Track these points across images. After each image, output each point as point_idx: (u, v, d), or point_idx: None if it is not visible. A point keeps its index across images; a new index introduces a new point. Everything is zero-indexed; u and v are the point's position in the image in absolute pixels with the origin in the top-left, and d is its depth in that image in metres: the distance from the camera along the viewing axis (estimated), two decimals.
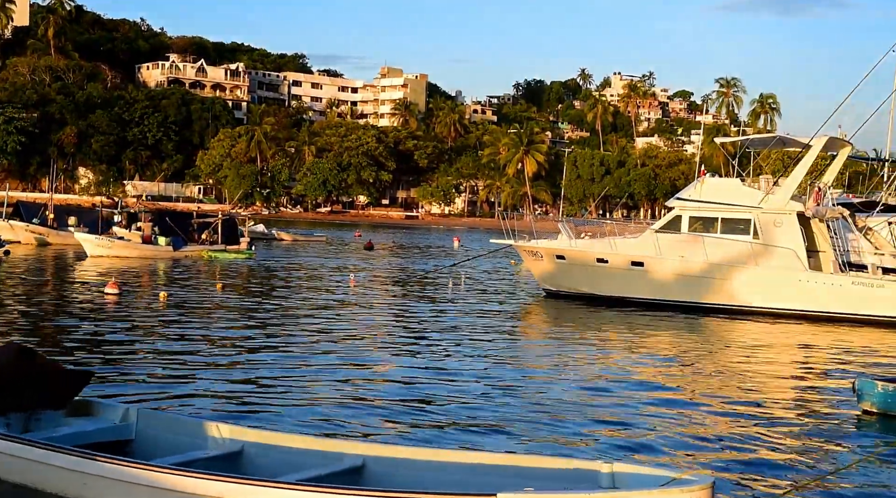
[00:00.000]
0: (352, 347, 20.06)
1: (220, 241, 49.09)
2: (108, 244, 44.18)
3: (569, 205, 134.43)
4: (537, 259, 34.01)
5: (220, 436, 9.08)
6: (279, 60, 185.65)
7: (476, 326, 24.78)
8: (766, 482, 10.83)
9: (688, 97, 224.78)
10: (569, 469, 7.80)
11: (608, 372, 18.08)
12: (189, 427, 9.36)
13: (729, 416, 14.43)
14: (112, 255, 43.06)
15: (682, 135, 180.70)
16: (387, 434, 12.21)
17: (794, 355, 22.52)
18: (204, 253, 46.71)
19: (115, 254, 43.33)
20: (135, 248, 45.14)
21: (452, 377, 16.81)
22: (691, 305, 30.55)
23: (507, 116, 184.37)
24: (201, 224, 51.23)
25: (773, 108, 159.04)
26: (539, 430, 12.96)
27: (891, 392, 14.64)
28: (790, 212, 30.33)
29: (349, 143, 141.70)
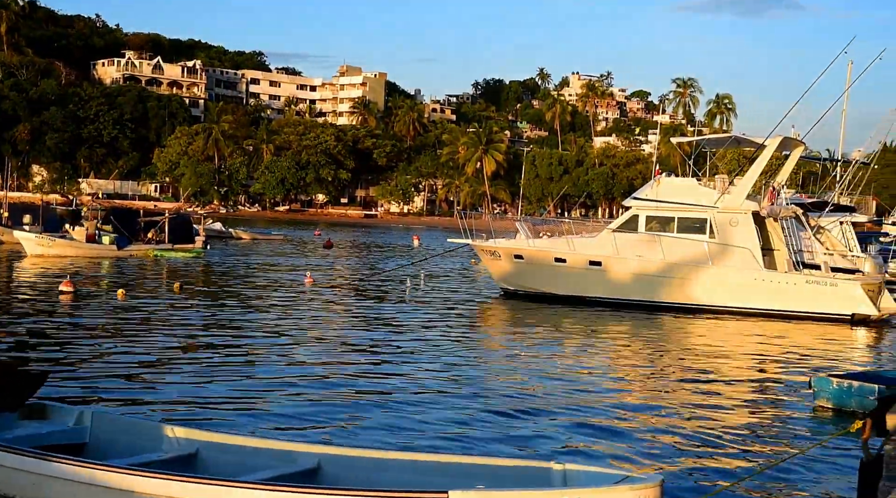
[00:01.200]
0: (308, 346, 19.94)
1: (167, 240, 47.94)
2: (49, 243, 42.91)
3: (527, 204, 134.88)
4: (495, 258, 34.09)
5: (175, 438, 8.99)
6: (237, 58, 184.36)
7: (433, 325, 24.77)
8: (718, 479, 10.93)
9: (645, 97, 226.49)
10: (521, 468, 7.86)
11: (564, 371, 18.14)
12: (144, 430, 9.28)
13: (685, 414, 14.54)
14: (53, 253, 41.89)
15: (640, 134, 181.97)
16: (342, 435, 12.15)
17: (750, 353, 22.74)
18: (150, 252, 45.72)
19: (57, 253, 42.11)
20: (77, 246, 43.85)
21: (408, 378, 16.75)
22: (649, 304, 30.80)
23: (465, 115, 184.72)
24: (148, 222, 50.17)
25: (728, 109, 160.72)
26: (493, 429, 12.98)
27: (845, 388, 14.90)
28: (746, 211, 30.67)
29: (308, 142, 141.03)
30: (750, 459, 12.00)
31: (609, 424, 13.59)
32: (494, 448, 11.81)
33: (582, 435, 12.86)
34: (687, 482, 10.62)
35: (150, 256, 45.24)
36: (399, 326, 24.09)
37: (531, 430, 13.04)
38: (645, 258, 31.09)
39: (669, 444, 12.57)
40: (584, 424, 13.54)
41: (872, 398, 14.10)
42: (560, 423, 13.53)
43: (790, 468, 11.19)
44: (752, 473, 10.65)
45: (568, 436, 12.79)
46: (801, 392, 16.41)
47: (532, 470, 7.78)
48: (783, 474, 10.98)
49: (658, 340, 24.10)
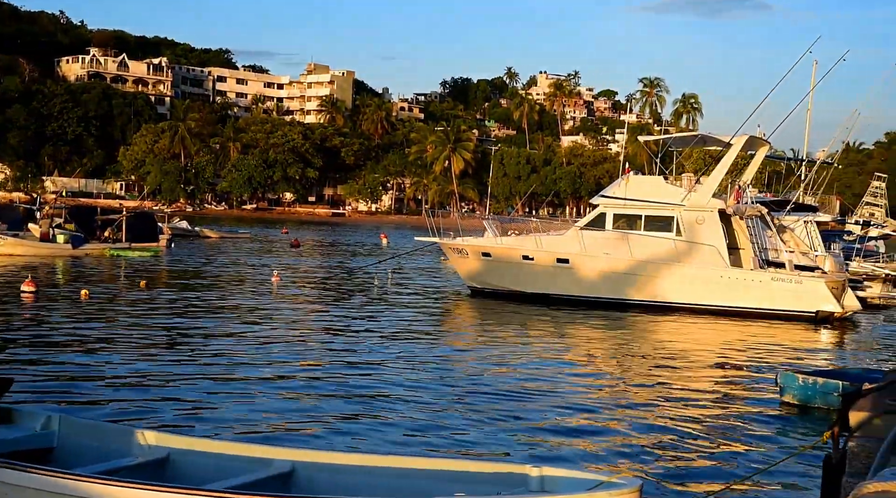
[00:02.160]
0: (275, 347, 19.81)
1: (124, 239, 47.02)
2: (0, 242, 42.17)
3: (495, 203, 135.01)
4: (463, 256, 34.11)
5: (146, 443, 8.82)
6: (203, 55, 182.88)
7: (401, 324, 24.74)
8: (693, 481, 11.00)
9: (612, 96, 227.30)
10: (498, 473, 7.79)
11: (534, 372, 18.15)
12: (113, 434, 9.08)
13: (655, 414, 14.61)
14: (4, 252, 41.11)
15: (607, 134, 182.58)
16: (315, 438, 12.07)
17: (717, 351, 22.90)
18: (106, 251, 44.85)
19: (8, 252, 41.29)
20: (30, 245, 42.93)
21: (377, 378, 16.66)
22: (616, 301, 30.94)
23: (434, 114, 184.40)
24: (105, 221, 49.19)
25: (695, 108, 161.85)
26: (467, 432, 12.93)
27: (811, 385, 15.09)
28: (712, 209, 30.90)
29: (275, 140, 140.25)
30: (721, 461, 12.11)
31: (581, 425, 13.61)
32: (467, 450, 11.76)
33: (554, 437, 12.86)
34: (658, 487, 10.66)
35: (107, 255, 44.36)
36: (366, 326, 24.02)
37: (503, 432, 13.00)
38: (612, 256, 31.24)
39: (641, 445, 12.61)
40: (556, 425, 13.55)
41: (836, 395, 14.27)
42: (532, 425, 13.53)
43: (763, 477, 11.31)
44: (728, 482, 10.72)
45: (541, 438, 12.78)
46: (769, 389, 16.58)
47: (509, 475, 7.73)
48: (757, 479, 11.06)
49: (626, 339, 24.22)
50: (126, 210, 52.88)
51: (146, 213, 58.90)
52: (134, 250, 45.72)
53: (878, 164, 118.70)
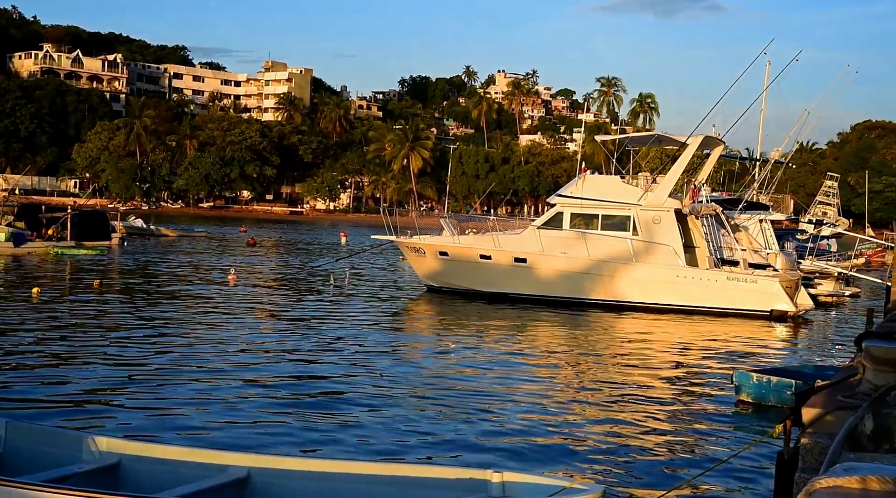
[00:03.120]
0: (231, 348, 19.56)
1: (69, 237, 45.93)
2: None
3: (454, 201, 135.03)
4: (420, 255, 34.04)
5: (97, 449, 8.63)
6: (159, 52, 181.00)
7: (357, 324, 24.61)
8: (651, 481, 11.03)
9: (570, 96, 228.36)
10: (458, 478, 7.72)
11: (492, 373, 18.09)
12: (63, 440, 8.87)
13: (614, 415, 14.64)
14: None
15: (565, 133, 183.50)
16: (272, 443, 11.86)
17: (674, 350, 23.06)
18: (50, 249, 43.61)
19: None
20: None
21: (333, 380, 16.51)
22: (574, 300, 31.04)
23: (392, 112, 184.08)
24: (50, 218, 48.00)
25: (651, 108, 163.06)
26: (426, 435, 12.82)
27: (765, 383, 15.27)
28: (668, 209, 31.10)
29: (232, 138, 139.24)
30: (681, 458, 12.18)
31: (539, 427, 13.58)
32: (427, 456, 11.66)
33: (513, 439, 12.80)
34: (618, 486, 10.67)
35: (51, 253, 43.25)
36: (322, 326, 23.86)
37: (462, 435, 12.93)
38: (570, 255, 31.33)
39: (599, 446, 12.61)
40: (514, 427, 13.50)
41: (790, 393, 14.42)
42: (491, 427, 13.46)
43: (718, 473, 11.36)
44: (686, 480, 10.75)
45: (500, 440, 12.72)
46: (724, 387, 16.71)
47: (470, 480, 7.66)
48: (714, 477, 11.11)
49: (584, 338, 24.27)
50: (71, 207, 51.72)
51: (96, 211, 58.00)
52: (79, 248, 44.58)
53: (830, 163, 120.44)
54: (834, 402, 6.95)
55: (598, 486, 7.39)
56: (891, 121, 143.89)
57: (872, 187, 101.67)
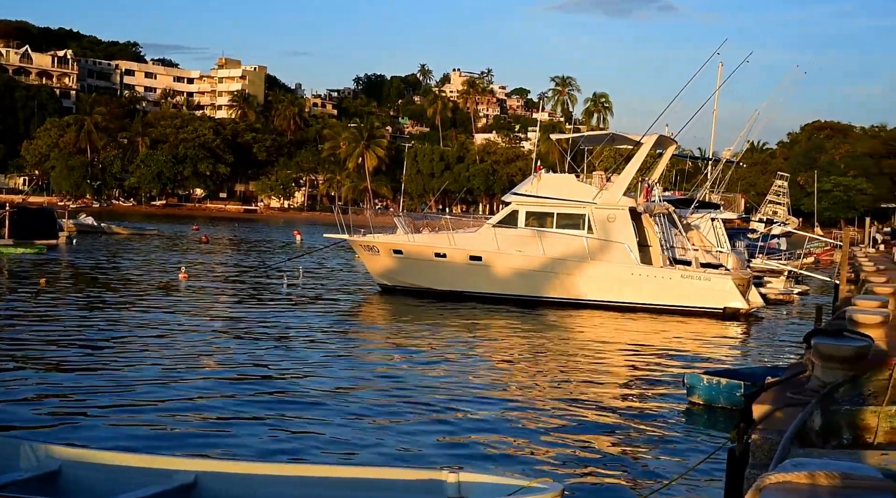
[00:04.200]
0: (180, 348, 19.29)
1: (7, 235, 44.77)
2: None
3: (409, 200, 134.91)
4: (373, 254, 33.89)
5: (35, 456, 8.35)
6: (111, 48, 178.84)
7: (310, 323, 24.43)
8: (605, 484, 11.08)
9: (525, 95, 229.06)
10: (413, 480, 7.63)
11: (447, 372, 18.03)
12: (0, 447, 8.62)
13: (568, 416, 14.65)
14: None
15: (520, 131, 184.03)
16: (221, 447, 11.67)
17: (629, 349, 23.15)
18: None
19: None
20: None
21: (285, 381, 16.33)
22: (529, 298, 31.13)
23: (347, 110, 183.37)
24: None
25: (605, 107, 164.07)
26: (379, 436, 12.71)
27: (715, 385, 15.46)
28: (623, 207, 31.28)
29: (185, 135, 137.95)
30: (634, 459, 12.24)
31: (494, 427, 13.53)
32: (382, 457, 11.56)
33: (468, 439, 12.77)
34: (573, 486, 10.70)
35: None
36: (274, 325, 23.66)
37: (416, 435, 12.85)
38: (525, 253, 31.42)
39: (554, 447, 12.61)
40: (469, 427, 13.45)
41: (739, 394, 14.62)
42: (445, 427, 13.41)
43: (669, 470, 11.47)
44: (638, 480, 10.82)
45: (454, 440, 12.68)
46: (677, 387, 16.84)
47: (424, 481, 7.59)
48: (667, 471, 11.20)
49: (539, 337, 24.29)
50: (10, 204, 50.55)
51: (42, 208, 57.00)
52: (17, 247, 43.37)
53: (780, 163, 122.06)
54: (783, 398, 7.04)
55: (557, 484, 7.37)
56: (839, 121, 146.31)
57: (821, 187, 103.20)
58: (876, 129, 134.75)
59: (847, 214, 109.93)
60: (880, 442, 6.24)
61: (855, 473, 3.30)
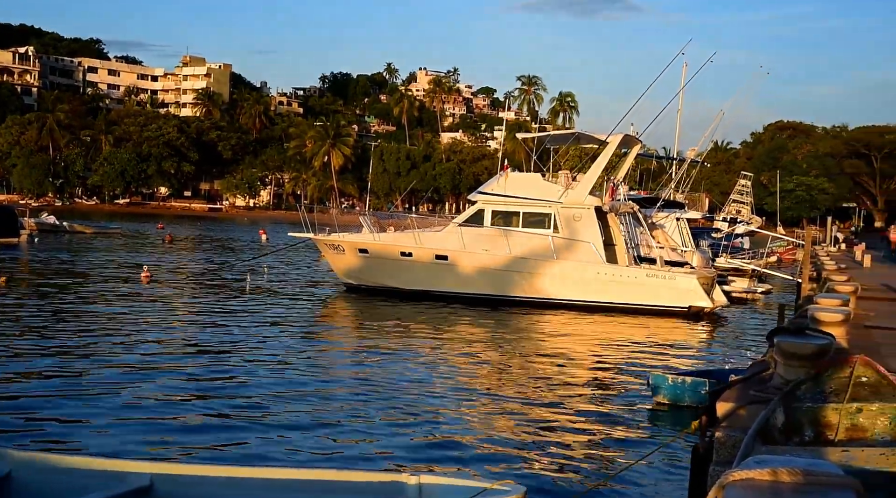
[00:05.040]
0: (140, 348, 19.12)
1: None
2: None
3: (375, 198, 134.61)
4: (339, 253, 33.78)
5: None
6: (73, 45, 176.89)
7: (274, 323, 24.30)
8: (569, 483, 11.11)
9: (491, 94, 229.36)
10: (373, 482, 7.58)
11: (411, 373, 17.97)
12: None
13: (533, 416, 14.68)
14: None
15: (486, 130, 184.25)
16: (178, 449, 11.52)
17: (595, 349, 23.26)
18: None
19: None
20: None
21: (247, 382, 16.19)
22: (495, 298, 31.16)
23: (313, 109, 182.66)
24: None
25: (571, 106, 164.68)
26: (341, 438, 12.63)
27: (680, 384, 15.59)
28: (588, 206, 31.40)
29: (149, 133, 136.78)
30: (599, 458, 12.30)
31: (457, 428, 13.53)
32: (343, 459, 11.48)
33: (432, 441, 12.73)
34: (538, 487, 10.71)
35: None
36: (238, 324, 23.52)
37: (378, 437, 12.79)
38: (491, 252, 31.45)
39: (519, 447, 12.63)
40: (433, 429, 13.42)
41: (704, 392, 14.74)
42: (409, 429, 13.36)
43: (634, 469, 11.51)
44: (604, 479, 10.86)
45: (418, 442, 12.63)
46: (642, 387, 16.94)
47: (385, 484, 7.55)
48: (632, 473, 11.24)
49: (505, 337, 24.33)
50: None
51: (2, 206, 56.33)
52: None
53: (744, 163, 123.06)
54: (747, 396, 7.10)
55: (519, 487, 7.35)
56: (801, 121, 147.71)
57: (784, 186, 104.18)
58: (837, 130, 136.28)
59: (809, 214, 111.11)
60: (841, 439, 6.31)
61: (816, 470, 3.33)
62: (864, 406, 6.44)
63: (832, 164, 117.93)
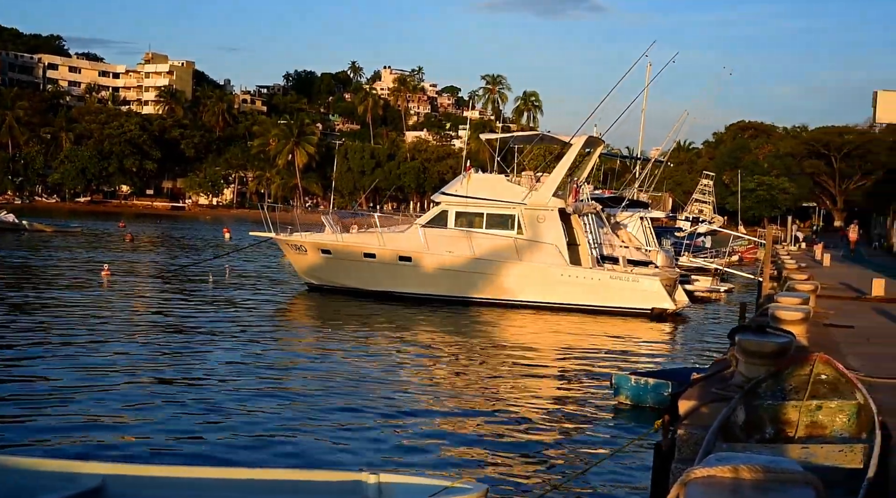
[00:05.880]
0: (99, 348, 18.93)
1: None
2: None
3: (340, 197, 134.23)
4: (301, 253, 33.58)
5: None
6: (33, 41, 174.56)
7: (235, 323, 24.13)
8: (532, 483, 11.15)
9: (456, 93, 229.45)
10: (331, 482, 7.54)
11: (373, 374, 17.92)
12: None
13: (496, 416, 14.70)
14: None
15: (450, 130, 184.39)
16: (133, 449, 11.40)
17: (557, 350, 23.32)
18: None
19: None
20: None
21: (208, 383, 16.08)
22: (459, 299, 31.16)
23: (277, 107, 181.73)
24: None
25: (535, 106, 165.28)
26: (301, 437, 12.59)
27: (642, 385, 15.70)
28: (553, 208, 31.47)
29: (110, 131, 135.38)
30: (562, 458, 12.34)
31: (420, 429, 13.51)
32: (300, 459, 11.44)
33: (393, 441, 12.71)
34: (500, 486, 10.74)
35: None
36: (198, 325, 23.35)
37: (340, 437, 12.76)
38: (455, 253, 31.43)
39: (481, 447, 12.64)
40: (395, 430, 13.40)
41: (666, 394, 14.85)
42: (370, 430, 13.32)
43: (596, 469, 11.57)
44: (566, 478, 10.91)
45: (379, 441, 12.62)
46: (605, 388, 17.01)
47: (343, 483, 7.51)
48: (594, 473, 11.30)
49: (468, 338, 24.33)
50: None
51: None
52: None
53: (706, 162, 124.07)
54: (708, 394, 7.18)
55: (481, 485, 7.35)
56: (763, 121, 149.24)
57: (745, 186, 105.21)
58: (798, 130, 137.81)
59: (770, 213, 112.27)
60: (801, 436, 6.39)
61: (776, 467, 3.38)
62: (824, 403, 6.53)
63: (793, 164, 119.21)
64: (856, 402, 6.48)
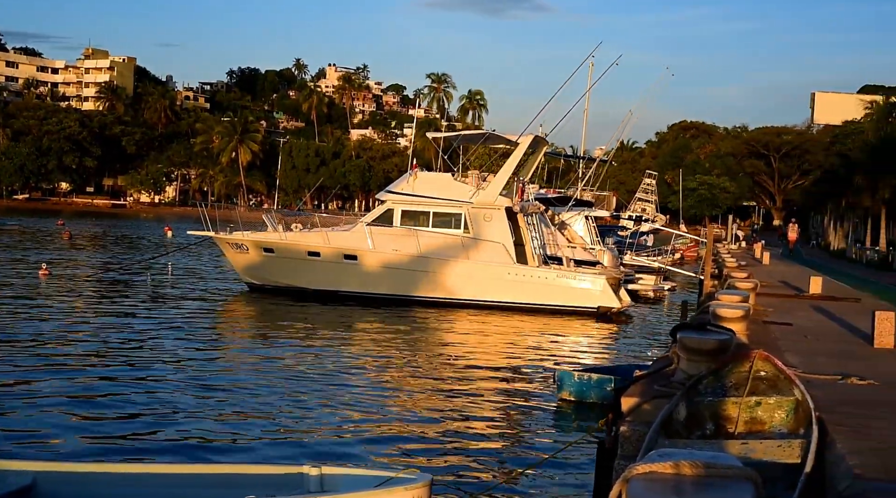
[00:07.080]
0: (34, 348, 18.62)
1: None
2: None
3: (284, 195, 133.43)
4: (241, 252, 33.16)
5: None
6: None
7: (174, 322, 23.87)
8: (477, 476, 11.20)
9: (401, 91, 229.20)
10: (271, 474, 7.50)
11: (315, 372, 17.85)
12: None
13: (440, 413, 14.73)
14: None
15: (396, 128, 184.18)
16: (65, 448, 11.22)
17: (501, 348, 23.42)
18: None
19: None
20: None
21: (145, 381, 15.89)
22: (405, 298, 31.09)
23: (220, 104, 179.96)
24: None
25: (480, 105, 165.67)
26: (242, 434, 12.53)
27: (585, 381, 15.83)
28: (499, 207, 31.54)
29: (49, 127, 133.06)
30: (505, 454, 12.41)
31: (364, 426, 13.52)
32: (241, 454, 11.38)
33: (337, 438, 12.70)
34: (445, 482, 10.75)
35: None
36: (136, 324, 23.07)
37: (282, 435, 12.72)
38: (401, 252, 31.35)
39: (425, 444, 12.68)
40: (338, 427, 13.39)
41: (609, 389, 14.99)
42: (313, 427, 13.30)
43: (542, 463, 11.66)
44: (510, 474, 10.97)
45: (323, 439, 12.59)
46: (548, 385, 17.14)
47: (285, 476, 7.47)
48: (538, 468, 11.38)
49: (414, 337, 24.35)
50: None
51: None
52: None
53: (649, 161, 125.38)
54: (651, 391, 7.26)
55: (425, 475, 7.36)
56: (704, 121, 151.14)
57: (687, 185, 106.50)
58: (738, 130, 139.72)
59: (711, 212, 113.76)
60: (741, 432, 6.50)
61: (717, 463, 3.44)
62: (763, 400, 6.64)
63: (733, 164, 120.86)
64: (794, 398, 6.61)
